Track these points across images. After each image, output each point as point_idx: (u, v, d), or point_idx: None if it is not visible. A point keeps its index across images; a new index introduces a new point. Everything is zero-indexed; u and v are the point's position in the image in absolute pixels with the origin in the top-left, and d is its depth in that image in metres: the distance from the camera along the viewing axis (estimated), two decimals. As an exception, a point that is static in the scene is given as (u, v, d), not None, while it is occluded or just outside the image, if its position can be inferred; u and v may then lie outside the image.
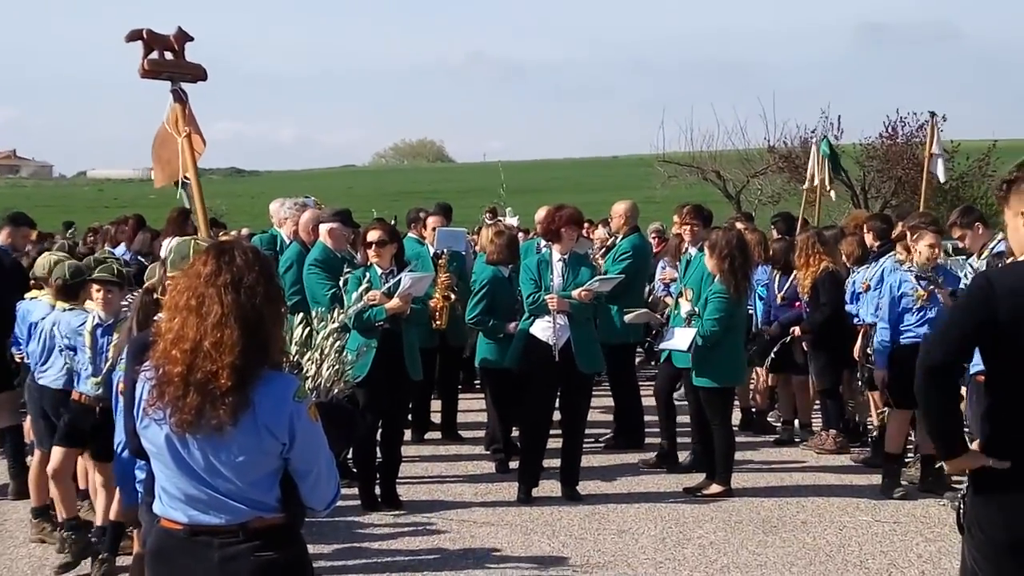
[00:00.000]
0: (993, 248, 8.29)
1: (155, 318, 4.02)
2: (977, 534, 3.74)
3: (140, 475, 4.86)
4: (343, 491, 3.65)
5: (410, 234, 10.93)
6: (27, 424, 8.26)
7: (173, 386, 3.19)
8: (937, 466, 7.66)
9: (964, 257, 8.93)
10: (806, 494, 8.36)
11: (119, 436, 5.16)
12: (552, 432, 8.43)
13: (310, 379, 4.30)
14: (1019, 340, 3.58)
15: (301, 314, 4.69)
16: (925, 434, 7.78)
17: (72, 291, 6.62)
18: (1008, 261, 6.56)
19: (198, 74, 5.23)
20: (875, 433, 9.31)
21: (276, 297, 3.34)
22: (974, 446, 3.75)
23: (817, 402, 10.28)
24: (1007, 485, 3.64)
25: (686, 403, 9.07)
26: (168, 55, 5.16)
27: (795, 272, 10.02)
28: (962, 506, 3.82)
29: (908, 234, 8.67)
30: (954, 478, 7.38)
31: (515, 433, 9.26)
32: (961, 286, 8.16)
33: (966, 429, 4.96)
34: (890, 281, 8.40)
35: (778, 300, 10.23)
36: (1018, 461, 3.62)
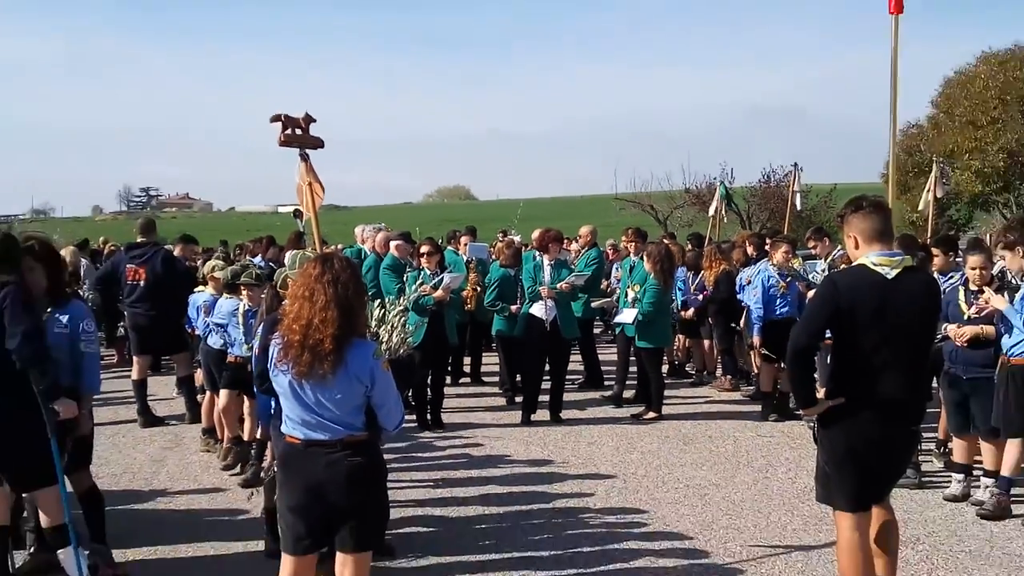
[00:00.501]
0: (833, 255, 8.28)
1: (284, 303, 4.03)
2: (826, 444, 3.74)
3: (273, 406, 4.85)
4: (406, 417, 3.64)
5: (449, 248, 10.92)
6: (198, 374, 8.28)
7: (294, 349, 3.20)
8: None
9: (814, 261, 8.93)
10: (712, 418, 8.32)
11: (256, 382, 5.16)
12: (543, 377, 8.42)
13: (383, 344, 4.31)
14: (854, 321, 3.55)
15: (378, 301, 4.70)
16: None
17: (232, 287, 6.67)
18: (842, 267, 6.56)
19: (318, 144, 5.20)
20: (756, 378, 9.29)
21: (361, 290, 3.34)
22: (821, 394, 3.73)
23: (718, 357, 10.25)
24: (843, 414, 3.64)
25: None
26: (298, 131, 5.12)
27: (703, 272, 10.02)
28: (815, 426, 3.82)
29: (771, 246, 8.68)
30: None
31: (518, 378, 9.25)
32: (813, 279, 8.15)
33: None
34: (761, 278, 8.39)
35: (691, 291, 10.22)
36: (849, 399, 3.62)
